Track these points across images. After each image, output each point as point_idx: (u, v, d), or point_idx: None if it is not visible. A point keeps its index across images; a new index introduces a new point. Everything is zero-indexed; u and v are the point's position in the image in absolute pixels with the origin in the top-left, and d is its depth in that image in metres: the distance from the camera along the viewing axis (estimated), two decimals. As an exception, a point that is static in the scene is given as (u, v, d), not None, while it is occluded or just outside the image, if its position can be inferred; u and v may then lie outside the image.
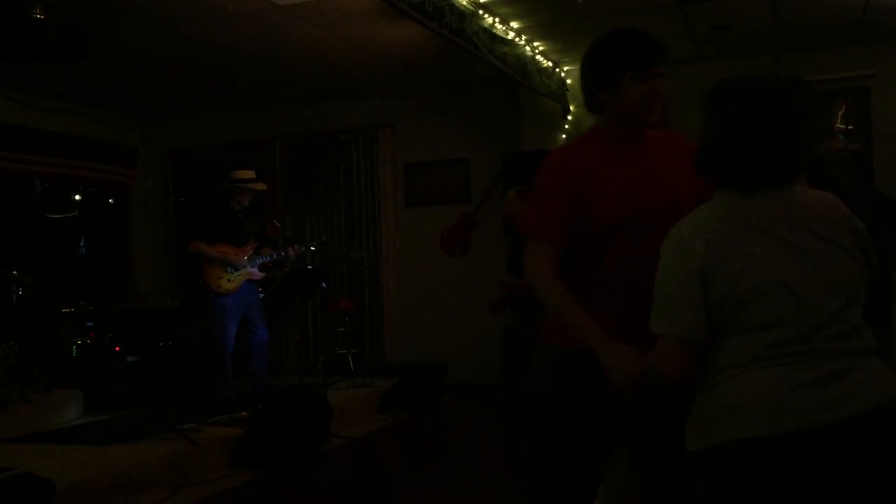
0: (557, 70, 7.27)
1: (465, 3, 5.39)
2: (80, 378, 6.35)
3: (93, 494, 4.27)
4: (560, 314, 2.18)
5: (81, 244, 8.85)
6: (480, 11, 5.64)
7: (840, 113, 7.21)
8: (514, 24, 6.13)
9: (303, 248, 6.46)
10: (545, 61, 6.94)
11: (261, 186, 6.60)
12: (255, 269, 6.33)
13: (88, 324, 6.94)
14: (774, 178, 1.82)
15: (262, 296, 6.45)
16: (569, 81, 7.47)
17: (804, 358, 1.70)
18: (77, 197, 8.86)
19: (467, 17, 5.43)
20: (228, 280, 6.18)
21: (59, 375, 6.32)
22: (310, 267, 6.55)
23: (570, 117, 7.51)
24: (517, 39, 6.29)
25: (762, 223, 1.78)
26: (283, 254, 6.42)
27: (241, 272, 6.23)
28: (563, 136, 7.53)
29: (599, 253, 2.24)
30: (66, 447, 5.09)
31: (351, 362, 7.63)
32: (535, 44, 6.61)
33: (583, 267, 2.27)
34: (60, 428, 5.73)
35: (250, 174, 6.54)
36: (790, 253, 1.76)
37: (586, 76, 2.32)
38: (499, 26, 5.95)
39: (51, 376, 6.17)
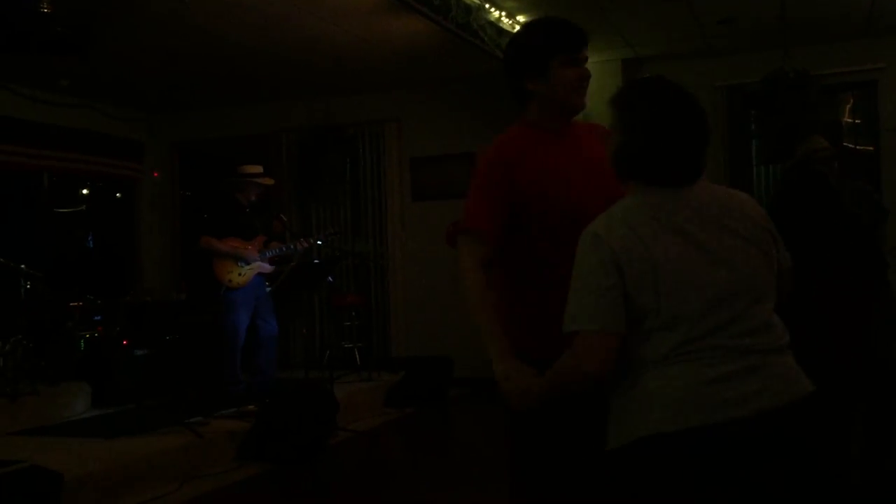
0: (564, 64, 7.25)
1: (471, -4, 5.39)
2: (88, 371, 6.38)
3: (101, 487, 4.29)
4: (474, 315, 2.16)
5: (89, 238, 8.87)
6: (487, 5, 5.64)
7: (847, 107, 7.19)
8: (521, 18, 6.12)
9: (311, 242, 6.47)
10: (552, 55, 6.92)
11: (268, 181, 6.61)
12: (266, 263, 6.34)
13: (96, 317, 6.96)
14: (683, 176, 1.85)
15: (268, 289, 6.46)
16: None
17: (713, 354, 1.73)
18: (84, 191, 8.88)
19: (473, 11, 5.44)
20: (239, 274, 6.20)
21: (67, 369, 6.34)
22: (316, 261, 6.55)
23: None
24: (524, 33, 6.27)
25: (671, 220, 1.80)
26: (292, 247, 6.43)
27: (251, 266, 6.24)
28: (570, 129, 7.52)
29: (531, 246, 2.21)
30: (75, 440, 5.12)
31: (357, 356, 7.65)
32: (542, 37, 6.59)
33: (514, 261, 2.24)
34: (68, 421, 5.77)
35: (258, 169, 6.55)
36: (699, 250, 1.78)
37: (512, 65, 2.29)
38: (505, 20, 5.95)
39: (59, 369, 6.18)
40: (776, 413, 1.72)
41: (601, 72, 7.39)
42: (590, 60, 2.32)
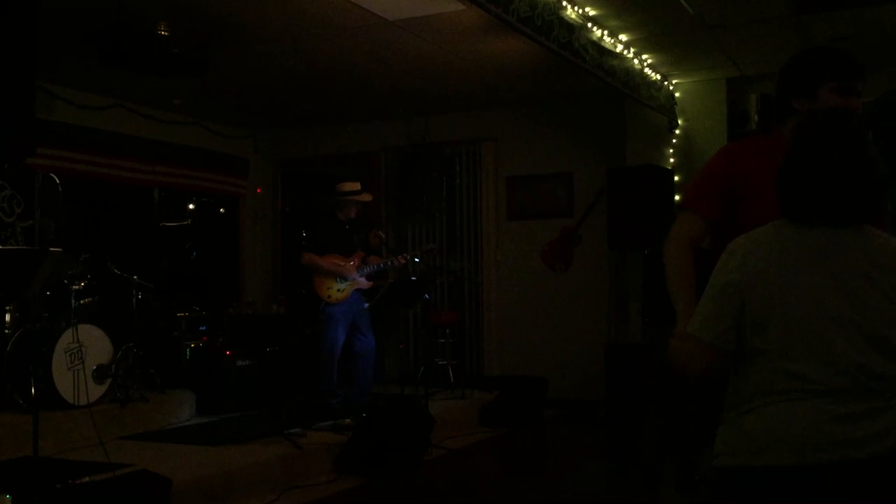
0: (666, 83, 7.16)
1: (573, 16, 5.37)
2: (193, 380, 6.61)
3: (205, 493, 4.42)
4: (669, 276, 2.38)
5: (194, 252, 9.19)
6: (589, 24, 5.61)
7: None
8: (623, 37, 6.07)
9: (408, 258, 6.54)
10: (654, 74, 6.84)
11: (367, 198, 6.73)
12: (363, 279, 6.45)
13: (201, 328, 7.21)
14: (840, 216, 1.81)
15: (366, 305, 6.56)
16: (677, 94, 7.34)
17: (836, 393, 1.72)
18: (191, 206, 9.22)
19: (576, 31, 5.41)
20: (338, 290, 6.32)
21: (174, 377, 6.58)
22: (413, 278, 6.63)
23: (677, 131, 7.38)
24: (625, 52, 6.22)
25: (814, 256, 1.79)
26: (390, 263, 6.52)
27: (350, 282, 6.36)
28: (671, 150, 7.41)
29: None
30: (181, 446, 5.30)
31: (451, 373, 7.67)
32: (644, 56, 6.53)
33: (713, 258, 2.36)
34: (175, 427, 5.98)
35: (356, 186, 6.68)
36: (834, 291, 1.76)
37: (783, 81, 2.44)
38: (607, 39, 5.90)
39: (166, 377, 6.42)
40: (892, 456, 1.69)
41: (704, 90, 7.26)
42: (693, 79, 2.42)
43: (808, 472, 1.70)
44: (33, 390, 5.03)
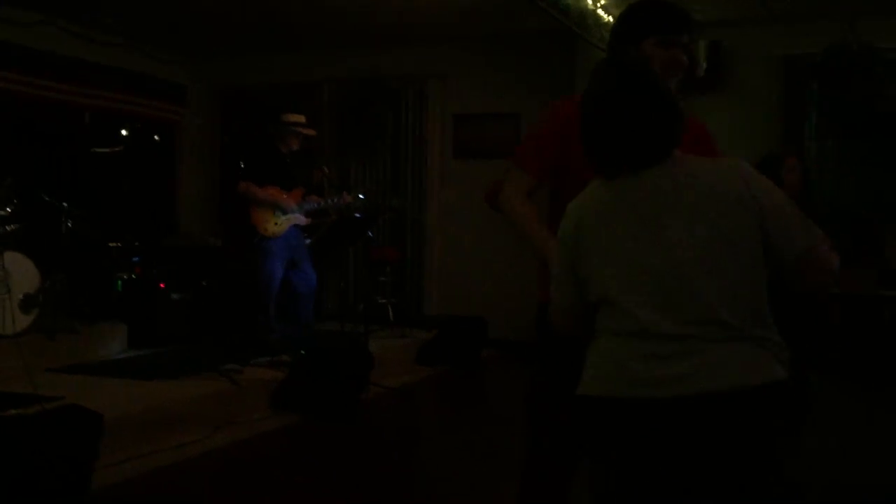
0: (618, 25, 7.07)
1: (531, -49, 5.23)
2: (125, 312, 6.43)
3: (138, 428, 4.33)
4: (519, 224, 2.41)
5: (127, 179, 8.87)
6: (546, -40, 5.48)
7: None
8: (579, -24, 5.96)
9: (353, 197, 6.41)
10: (606, 16, 6.74)
11: (310, 132, 6.54)
12: (301, 216, 6.30)
13: (134, 259, 6.99)
14: (642, 159, 1.83)
15: (308, 241, 6.43)
16: (628, 38, 7.27)
17: (651, 335, 1.75)
18: (124, 132, 8.86)
19: (532, -34, 5.28)
20: (276, 223, 6.17)
21: (105, 308, 6.39)
22: (357, 215, 6.51)
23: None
24: (580, -9, 6.11)
25: (624, 203, 1.83)
26: (331, 201, 6.38)
27: (288, 216, 6.21)
28: (619, 93, 7.36)
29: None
30: (112, 380, 5.17)
31: (390, 312, 7.63)
32: (598, -3, 6.43)
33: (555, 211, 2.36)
34: (105, 360, 5.82)
35: (301, 118, 6.48)
36: (650, 234, 1.78)
37: (612, 36, 2.41)
38: (563, -23, 5.78)
39: (96, 309, 6.24)
40: (696, 400, 1.70)
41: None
42: None
43: (615, 404, 1.78)
44: (-46, 318, 4.84)
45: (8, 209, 5.49)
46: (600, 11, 6.60)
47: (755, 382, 1.71)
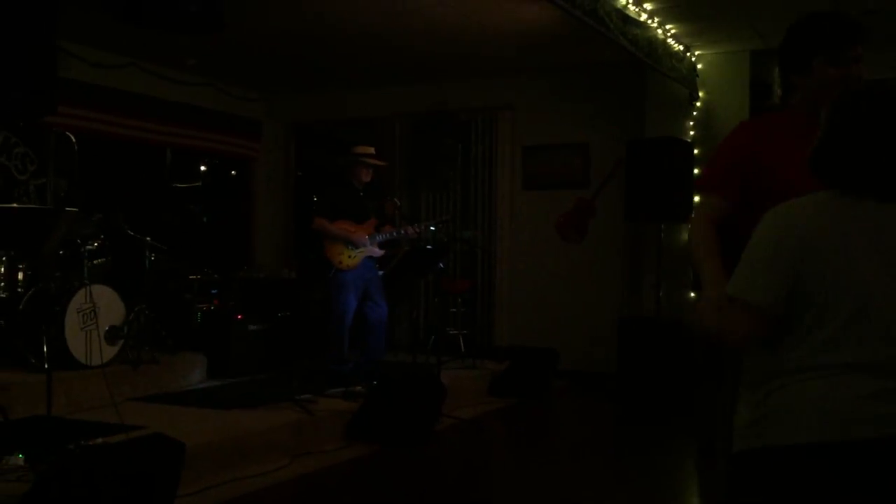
0: (688, 54, 7.03)
1: (599, -17, 5.25)
2: (204, 343, 6.60)
3: (217, 457, 4.42)
4: (693, 246, 2.31)
5: (204, 214, 9.15)
6: (614, -8, 5.50)
7: None
8: (648, 6, 5.95)
9: (423, 228, 6.48)
10: (676, 45, 6.71)
11: (380, 163, 6.65)
12: (375, 248, 6.39)
13: (213, 291, 7.19)
14: (888, 190, 1.74)
15: (381, 273, 6.51)
16: (699, 66, 7.21)
17: (875, 369, 1.66)
18: (202, 168, 9.15)
19: (601, -2, 5.30)
20: (349, 256, 6.27)
21: (185, 339, 6.57)
22: (429, 247, 6.57)
23: (698, 103, 7.26)
24: (649, 21, 6.10)
25: (863, 230, 1.72)
26: (403, 232, 6.46)
27: (360, 250, 6.31)
28: (691, 122, 7.30)
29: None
30: (192, 409, 5.30)
31: (462, 343, 7.64)
32: (668, 26, 6.40)
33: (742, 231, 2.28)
34: (186, 390, 5.98)
35: (370, 150, 6.59)
36: (882, 265, 1.70)
37: (781, 59, 2.39)
38: (632, 7, 5.78)
39: (177, 340, 6.41)
40: None
41: (727, 62, 7.13)
42: (716, 51, 2.38)
43: (846, 449, 1.65)
44: (45, 349, 5.03)
45: (95, 244, 5.71)
46: (670, 41, 6.58)
47: None
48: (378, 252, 6.44)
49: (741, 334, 1.81)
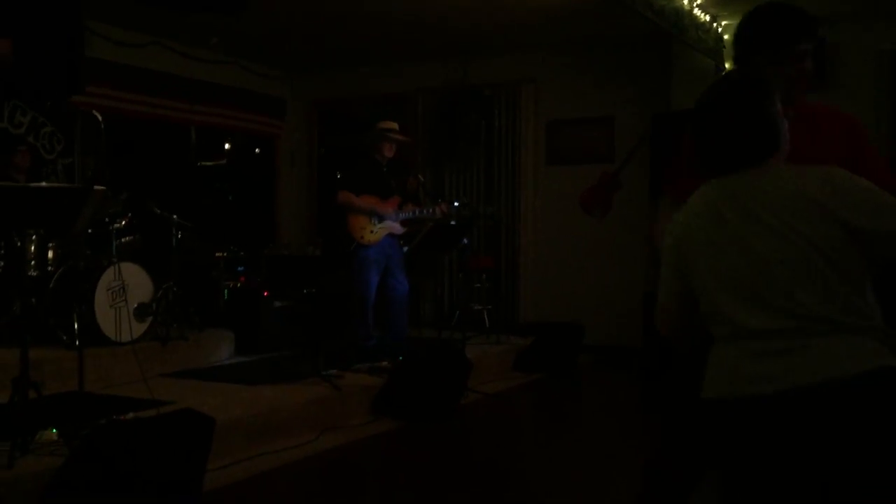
0: (715, 25, 6.92)
1: (624, -47, 5.19)
2: (232, 319, 6.67)
3: (245, 432, 4.48)
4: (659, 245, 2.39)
5: (230, 192, 9.20)
6: (639, -38, 5.43)
7: None
8: (673, -24, 5.87)
9: (447, 207, 6.47)
10: (703, 15, 6.62)
11: (405, 139, 6.64)
12: (397, 224, 6.40)
13: (239, 268, 7.25)
14: (743, 159, 1.89)
15: (405, 249, 6.52)
16: (726, 37, 7.10)
17: (760, 334, 1.79)
18: (227, 146, 9.20)
19: (625, -31, 5.24)
20: (371, 231, 6.28)
21: (212, 316, 6.64)
22: (453, 223, 6.57)
23: (724, 75, 7.16)
24: (675, -8, 6.02)
25: (730, 202, 1.87)
26: (428, 211, 6.46)
27: (384, 225, 6.31)
28: (717, 95, 7.20)
29: None
30: (221, 385, 5.37)
31: (486, 318, 7.66)
32: (694, -3, 6.31)
33: None
34: (214, 366, 6.05)
35: (394, 125, 6.58)
36: (753, 233, 1.82)
37: (733, 58, 2.40)
38: (657, -22, 5.71)
39: (205, 316, 6.49)
40: (802, 393, 1.72)
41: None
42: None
43: (728, 405, 1.82)
44: (76, 326, 5.11)
45: (123, 222, 5.77)
46: (697, 11, 6.48)
47: (867, 368, 1.72)
48: (400, 229, 6.44)
49: (665, 329, 2.07)
